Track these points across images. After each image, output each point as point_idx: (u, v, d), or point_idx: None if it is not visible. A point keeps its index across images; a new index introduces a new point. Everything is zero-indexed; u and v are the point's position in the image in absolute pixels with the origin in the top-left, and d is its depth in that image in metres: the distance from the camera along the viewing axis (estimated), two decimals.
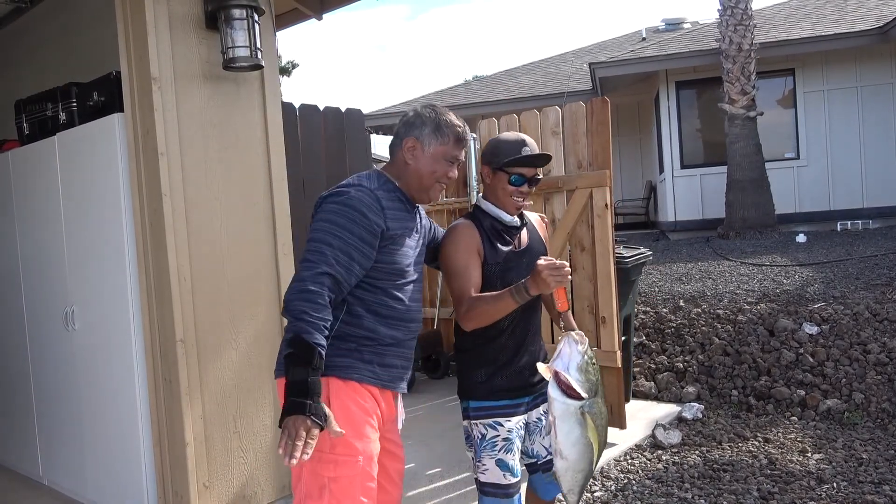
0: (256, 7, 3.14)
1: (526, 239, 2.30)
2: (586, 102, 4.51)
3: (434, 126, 2.05)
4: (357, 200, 1.92)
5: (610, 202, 4.32)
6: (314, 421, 1.72)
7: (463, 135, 2.08)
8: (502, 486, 2.22)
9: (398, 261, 2.01)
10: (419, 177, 2.06)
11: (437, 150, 2.05)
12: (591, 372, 1.96)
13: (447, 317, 6.60)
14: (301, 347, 1.76)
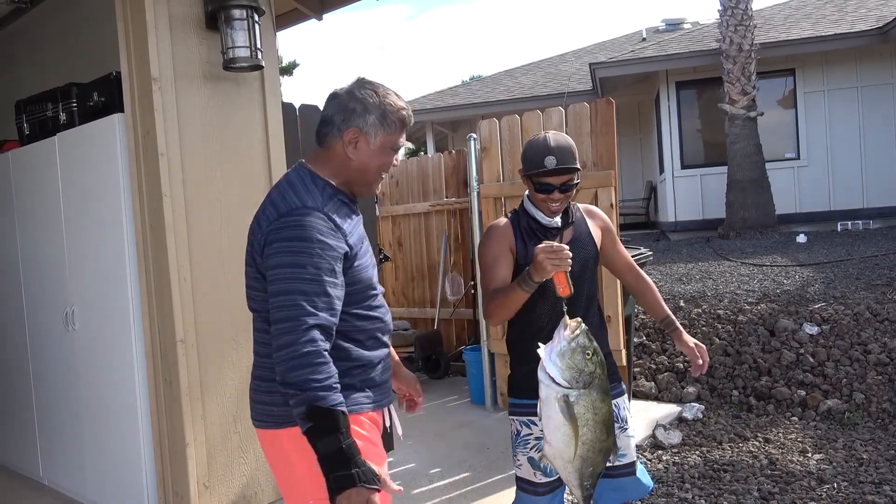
0: (256, 7, 3.14)
1: (569, 236, 2.24)
2: (590, 103, 4.53)
3: (380, 114, 1.74)
4: (313, 230, 1.62)
5: (615, 202, 4.35)
6: (369, 488, 1.50)
7: (409, 118, 1.81)
8: (533, 484, 2.23)
9: (364, 278, 1.76)
10: (364, 171, 1.78)
11: (383, 140, 1.77)
12: (579, 361, 1.86)
13: (447, 317, 6.60)
14: (321, 417, 1.51)
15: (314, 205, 1.67)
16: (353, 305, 1.73)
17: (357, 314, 1.75)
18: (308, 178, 1.76)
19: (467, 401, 5.45)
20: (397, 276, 7.18)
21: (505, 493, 3.61)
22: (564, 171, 2.14)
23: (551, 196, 2.18)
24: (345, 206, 1.77)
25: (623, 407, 2.28)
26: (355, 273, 1.72)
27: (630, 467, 2.24)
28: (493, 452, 4.21)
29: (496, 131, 5.02)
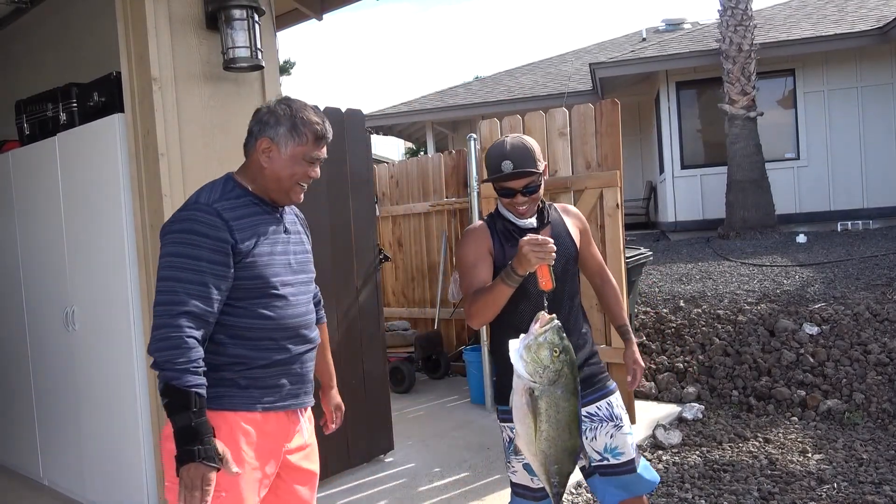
0: (257, 7, 3.14)
1: (547, 234, 2.23)
2: (594, 104, 4.56)
3: (290, 125, 1.86)
4: (195, 223, 1.76)
5: (620, 202, 4.39)
6: (207, 465, 1.63)
7: (323, 132, 1.90)
8: (530, 490, 2.22)
9: (262, 274, 1.84)
10: (277, 179, 1.88)
11: (294, 151, 1.87)
12: (545, 356, 1.84)
13: (447, 317, 6.60)
14: (174, 394, 1.65)
15: (205, 200, 1.81)
16: (243, 299, 1.82)
17: (246, 308, 1.83)
18: (222, 182, 1.90)
19: (467, 401, 5.45)
20: (397, 276, 7.18)
21: (505, 492, 3.61)
22: (521, 174, 2.14)
23: (515, 200, 2.19)
24: (252, 206, 1.88)
25: (617, 405, 2.26)
26: (249, 268, 1.81)
27: (629, 465, 2.22)
28: (493, 452, 4.21)
29: (497, 131, 5.02)
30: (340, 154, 4.05)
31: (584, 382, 2.20)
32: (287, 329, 1.89)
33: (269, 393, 1.86)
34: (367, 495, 3.70)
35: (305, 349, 1.96)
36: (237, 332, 1.82)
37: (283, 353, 1.89)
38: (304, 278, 2.00)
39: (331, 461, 3.88)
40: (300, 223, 2.10)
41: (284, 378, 1.90)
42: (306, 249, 2.07)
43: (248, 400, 1.83)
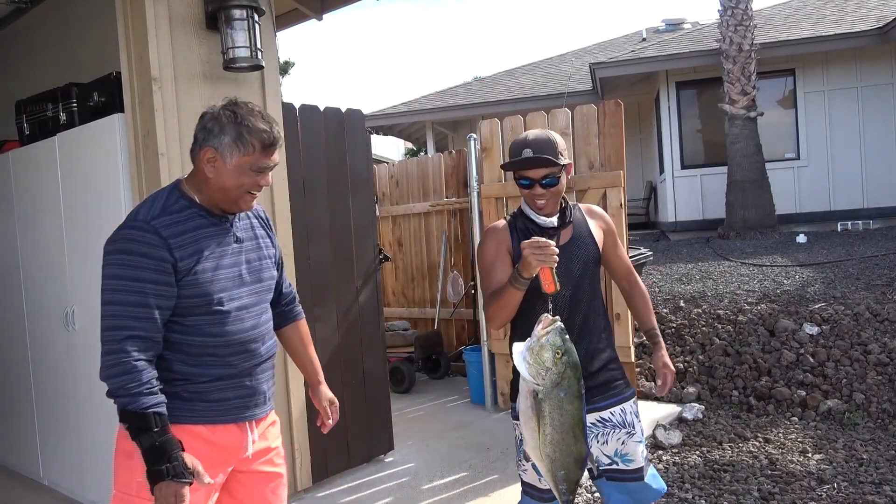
0: (257, 7, 3.14)
1: (568, 235, 2.22)
2: (597, 104, 4.59)
3: (235, 134, 1.76)
4: (132, 242, 1.72)
5: (624, 202, 4.42)
6: (178, 482, 1.64)
7: (270, 140, 1.80)
8: (538, 490, 2.22)
9: (206, 291, 1.78)
10: (223, 190, 1.80)
11: (240, 161, 1.78)
12: (546, 359, 1.84)
13: (447, 317, 6.60)
14: (132, 419, 1.66)
15: (144, 217, 1.76)
16: (187, 317, 1.78)
17: (191, 326, 1.79)
18: (166, 192, 1.84)
19: (467, 401, 5.45)
20: (397, 276, 7.18)
21: (504, 492, 3.62)
22: (541, 162, 2.11)
23: (533, 191, 2.16)
24: (198, 220, 1.81)
25: (630, 412, 2.24)
26: (190, 286, 1.76)
27: (637, 473, 2.20)
28: (493, 452, 4.21)
29: (497, 131, 5.02)
30: (340, 154, 4.05)
31: (600, 388, 2.19)
32: (231, 345, 1.84)
33: (214, 407, 1.84)
34: (366, 495, 3.70)
35: (254, 363, 1.91)
36: (180, 348, 1.80)
37: (228, 369, 1.85)
38: (258, 287, 1.93)
39: (331, 461, 3.88)
40: (260, 224, 2.02)
41: (231, 392, 1.86)
42: (264, 255, 1.98)
43: (189, 413, 1.81)
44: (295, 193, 3.69)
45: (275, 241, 2.06)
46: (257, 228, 1.99)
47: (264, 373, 1.96)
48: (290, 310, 2.20)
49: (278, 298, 2.14)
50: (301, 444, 3.66)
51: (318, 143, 3.91)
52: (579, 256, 2.19)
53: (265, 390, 1.96)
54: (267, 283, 1.97)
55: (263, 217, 2.06)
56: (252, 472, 1.97)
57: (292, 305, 2.21)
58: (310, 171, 3.84)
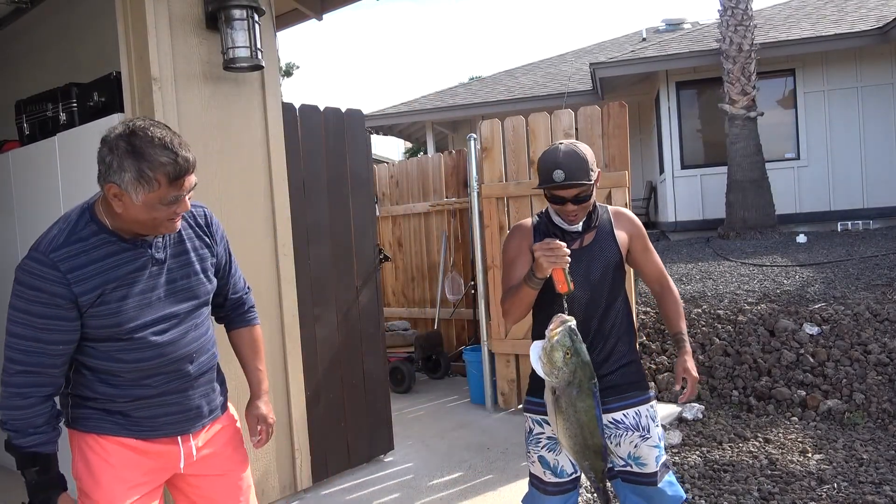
0: (257, 7, 3.14)
1: (590, 238, 2.23)
2: (601, 105, 4.63)
3: (136, 173, 1.61)
4: (31, 275, 1.64)
5: (628, 202, 4.47)
6: None
7: (177, 172, 1.64)
8: (542, 482, 2.26)
9: (115, 322, 1.70)
10: (138, 222, 1.69)
11: (147, 198, 1.63)
12: (557, 358, 1.92)
13: (447, 317, 6.60)
14: (16, 453, 1.72)
15: (44, 249, 1.67)
16: (101, 343, 1.74)
17: (102, 352, 1.75)
18: (76, 217, 1.73)
19: (467, 401, 5.45)
20: (397, 276, 7.18)
21: (504, 492, 3.62)
22: (573, 186, 2.11)
23: (565, 208, 2.17)
24: (107, 248, 1.71)
25: (646, 416, 2.22)
26: (98, 317, 1.70)
27: (651, 477, 2.19)
28: (493, 452, 4.21)
29: (498, 131, 5.03)
30: (340, 154, 4.05)
31: (614, 389, 2.19)
32: (147, 370, 1.77)
33: (141, 423, 1.80)
34: (366, 494, 3.70)
35: (180, 383, 1.84)
36: (97, 371, 1.77)
37: (149, 390, 1.79)
38: (185, 307, 1.83)
39: (331, 461, 3.88)
40: (196, 233, 1.89)
41: (158, 409, 1.82)
42: (196, 270, 1.86)
43: (116, 426, 1.79)
44: (295, 193, 3.69)
45: (216, 248, 1.94)
46: (190, 240, 1.87)
47: (197, 389, 1.88)
48: (238, 315, 2.12)
49: (224, 303, 2.07)
50: (301, 444, 3.66)
51: (318, 144, 3.91)
52: (599, 259, 2.20)
53: (202, 405, 1.90)
54: (198, 299, 1.87)
55: (203, 222, 1.92)
56: (203, 477, 1.95)
57: (242, 311, 2.12)
58: (310, 171, 3.84)
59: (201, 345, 1.88)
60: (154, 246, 1.78)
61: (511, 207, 4.99)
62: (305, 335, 3.71)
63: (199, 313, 1.88)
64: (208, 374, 1.93)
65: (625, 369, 2.24)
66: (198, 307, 1.87)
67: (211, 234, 1.93)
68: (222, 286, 2.01)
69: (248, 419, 2.12)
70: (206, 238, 1.91)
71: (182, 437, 1.87)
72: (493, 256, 5.05)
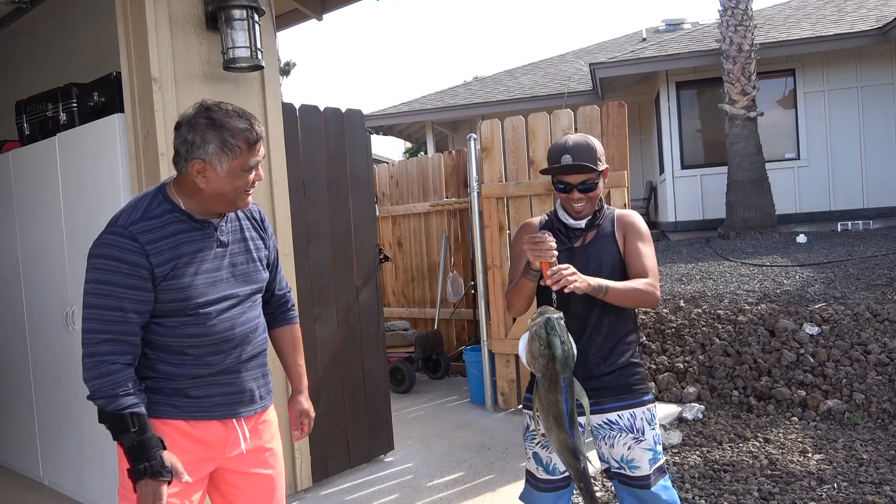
0: (257, 7, 3.14)
1: (590, 238, 2.25)
2: (601, 105, 4.64)
3: (219, 143, 1.74)
4: (111, 247, 1.74)
5: (628, 202, 4.48)
6: (157, 480, 1.69)
7: (255, 137, 1.79)
8: (534, 478, 2.29)
9: (184, 296, 1.80)
10: (221, 195, 1.81)
11: (231, 166, 1.77)
12: (534, 348, 1.95)
13: (447, 317, 6.60)
14: (111, 420, 1.71)
15: (123, 222, 1.77)
16: (166, 318, 1.81)
17: (171, 327, 1.82)
18: (150, 197, 1.84)
19: (467, 401, 5.45)
20: (397, 276, 7.18)
21: (504, 492, 3.62)
22: (580, 169, 2.17)
23: (571, 195, 2.22)
24: (178, 225, 1.81)
25: (641, 418, 2.20)
26: (168, 290, 1.78)
27: (644, 480, 2.18)
28: (493, 452, 4.21)
29: (498, 131, 5.03)
30: (340, 154, 4.05)
31: (609, 390, 2.18)
32: (209, 345, 1.86)
33: (195, 403, 1.86)
34: (366, 495, 3.70)
35: (237, 362, 1.92)
36: (160, 347, 1.83)
37: (208, 368, 1.87)
38: (244, 290, 1.93)
39: (331, 461, 3.88)
40: (253, 225, 2.02)
41: (213, 389, 1.88)
42: (253, 258, 1.98)
43: (171, 407, 1.84)
44: (295, 193, 3.69)
45: (269, 242, 2.06)
46: (248, 230, 1.99)
47: (249, 371, 1.95)
48: (282, 313, 2.20)
49: (269, 299, 2.15)
50: (301, 444, 3.66)
51: (319, 144, 3.91)
52: (597, 259, 2.21)
53: (253, 388, 1.97)
54: (255, 284, 1.97)
55: (258, 218, 2.05)
56: (243, 474, 1.98)
57: (285, 309, 2.21)
58: (310, 171, 3.84)
59: (255, 327, 1.98)
60: (219, 230, 1.89)
61: (511, 207, 4.99)
62: (305, 335, 3.70)
63: (254, 298, 1.98)
64: (260, 357, 2.00)
65: (623, 370, 2.23)
66: (255, 292, 1.97)
67: (265, 229, 2.05)
68: (270, 281, 2.11)
69: (292, 413, 2.24)
70: (261, 231, 2.03)
71: (236, 419, 1.93)
72: (493, 256, 5.05)
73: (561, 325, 1.96)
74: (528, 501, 2.33)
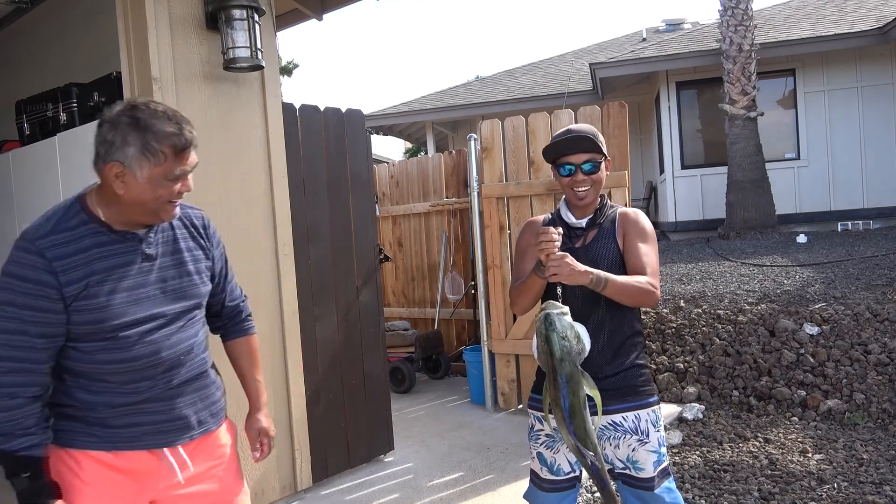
0: (257, 7, 3.14)
1: (591, 237, 2.24)
2: (601, 105, 4.65)
3: (141, 146, 1.57)
4: (14, 264, 1.58)
5: (628, 202, 4.49)
6: None
7: (183, 143, 1.61)
8: (538, 478, 2.29)
9: (99, 318, 1.61)
10: (140, 203, 1.62)
11: (152, 173, 1.59)
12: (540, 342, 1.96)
13: (447, 317, 6.60)
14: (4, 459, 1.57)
15: (31, 237, 1.62)
16: (78, 342, 1.64)
17: (83, 353, 1.65)
18: (65, 207, 1.67)
19: (467, 401, 5.45)
20: (397, 276, 7.18)
21: (504, 492, 3.62)
22: (583, 143, 2.17)
23: (575, 178, 2.21)
24: (95, 238, 1.64)
25: (646, 420, 2.20)
26: (78, 312, 1.61)
27: (648, 482, 2.17)
28: (494, 452, 4.21)
29: (498, 131, 5.03)
30: (340, 154, 4.05)
31: (613, 391, 2.17)
32: (133, 372, 1.67)
33: (120, 433, 1.68)
34: (366, 495, 3.70)
35: (165, 388, 1.72)
36: (78, 374, 1.66)
37: (133, 396, 1.68)
38: (175, 308, 1.74)
39: (331, 461, 3.88)
40: (192, 234, 1.83)
41: (140, 417, 1.70)
42: (189, 270, 1.79)
43: (92, 438, 1.67)
44: (295, 193, 3.69)
45: (212, 252, 1.89)
46: (183, 240, 1.80)
47: (186, 396, 1.76)
48: (235, 324, 2.05)
49: (220, 311, 2.00)
50: (301, 444, 3.66)
51: (319, 144, 3.91)
52: (593, 256, 2.19)
53: (188, 415, 1.77)
54: (191, 300, 1.78)
55: (200, 225, 1.86)
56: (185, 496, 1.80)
57: (238, 320, 2.05)
58: (310, 171, 3.84)
59: (190, 348, 1.78)
60: (145, 241, 1.71)
61: (511, 207, 4.99)
62: (305, 335, 3.72)
63: (190, 315, 1.79)
64: (198, 381, 1.81)
65: (629, 372, 2.22)
66: (189, 309, 1.78)
67: (207, 237, 1.87)
68: (218, 293, 1.95)
69: (249, 433, 2.04)
70: (202, 240, 1.85)
71: (169, 449, 1.74)
72: (493, 256, 5.05)
73: (562, 320, 1.95)
74: (533, 501, 2.33)
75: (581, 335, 2.00)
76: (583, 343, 1.99)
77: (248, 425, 2.05)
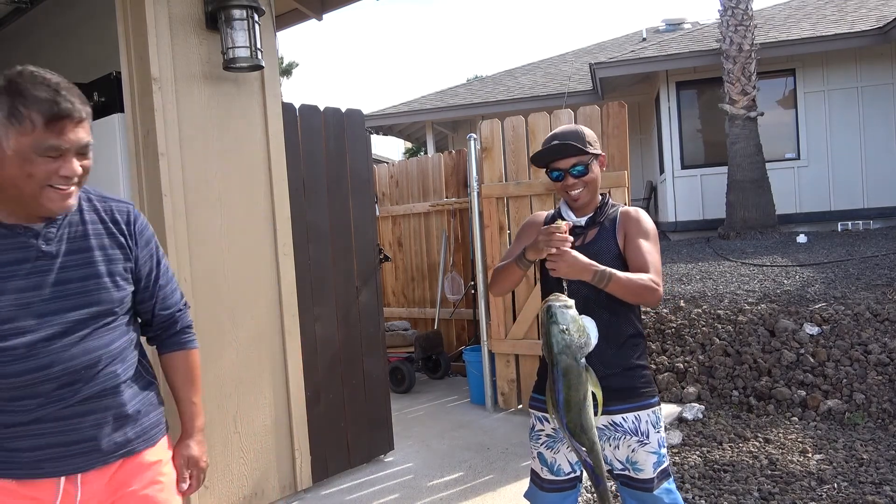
0: (257, 7, 3.14)
1: (591, 236, 2.24)
2: (601, 105, 4.65)
3: (8, 110, 1.37)
4: None
5: (628, 202, 4.48)
6: None
7: (53, 111, 1.38)
8: (539, 478, 2.29)
9: None
10: (14, 186, 1.40)
11: (18, 143, 1.37)
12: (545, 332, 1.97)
13: (447, 317, 6.60)
14: None
15: None
16: None
17: None
18: None
19: (467, 401, 5.45)
20: (397, 276, 7.18)
21: (504, 492, 3.62)
22: (566, 149, 2.18)
23: (566, 182, 2.23)
24: None
25: (646, 421, 2.19)
26: None
27: (647, 483, 2.17)
28: (493, 452, 4.21)
29: (498, 131, 5.03)
30: (340, 154, 4.05)
31: (614, 392, 2.15)
32: (17, 388, 1.43)
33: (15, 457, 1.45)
34: (366, 495, 3.70)
35: (62, 406, 1.48)
36: None
37: (19, 416, 1.44)
38: (77, 315, 1.49)
39: (331, 461, 3.88)
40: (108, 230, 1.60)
41: (37, 440, 1.46)
42: (99, 272, 1.54)
43: None
44: (295, 193, 3.69)
45: (136, 251, 1.64)
46: (97, 237, 1.57)
47: (88, 416, 1.51)
48: (168, 337, 1.79)
49: (150, 321, 1.74)
50: (301, 444, 3.66)
51: (319, 143, 3.91)
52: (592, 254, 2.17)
53: (96, 436, 1.51)
54: (98, 307, 1.53)
55: (124, 220, 1.64)
56: None
57: (172, 332, 1.79)
58: (310, 170, 3.84)
59: (95, 361, 1.52)
60: (43, 236, 1.48)
61: (511, 207, 4.99)
62: (305, 335, 3.71)
63: (99, 322, 1.54)
64: (109, 398, 1.54)
65: (629, 372, 2.21)
66: (95, 317, 1.53)
67: (130, 235, 1.63)
68: (146, 299, 1.69)
69: (175, 460, 1.74)
70: (122, 238, 1.61)
71: (66, 478, 1.49)
72: (493, 256, 5.05)
73: (565, 313, 1.94)
74: (533, 501, 2.33)
75: (588, 328, 1.97)
76: (587, 337, 1.96)
77: (175, 452, 1.76)
